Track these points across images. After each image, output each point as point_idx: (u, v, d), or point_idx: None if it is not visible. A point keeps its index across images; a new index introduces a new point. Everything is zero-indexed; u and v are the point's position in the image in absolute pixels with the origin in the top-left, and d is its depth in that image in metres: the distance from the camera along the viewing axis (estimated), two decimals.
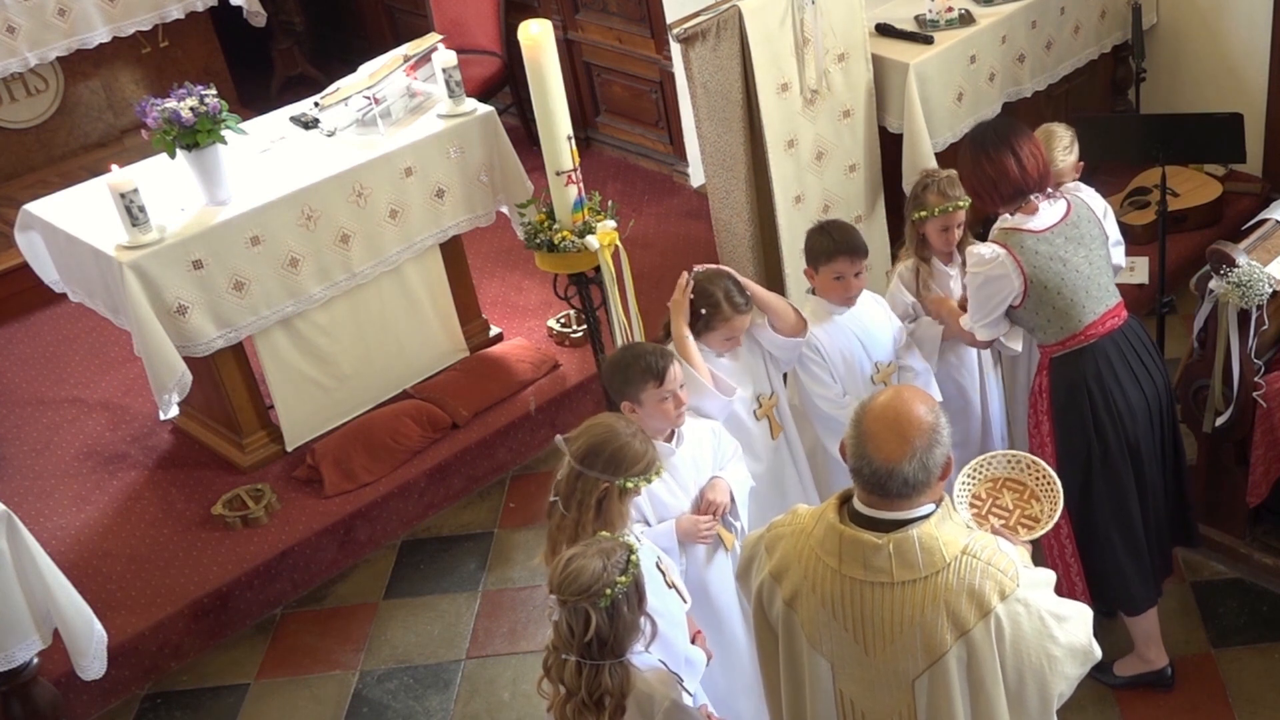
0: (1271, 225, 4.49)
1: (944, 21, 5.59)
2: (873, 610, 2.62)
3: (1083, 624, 2.74)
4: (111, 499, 5.22)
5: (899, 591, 2.59)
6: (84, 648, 4.07)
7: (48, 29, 6.79)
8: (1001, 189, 3.75)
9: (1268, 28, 5.94)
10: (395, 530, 5.19)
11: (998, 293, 3.79)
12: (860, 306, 4.14)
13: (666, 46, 6.35)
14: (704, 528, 3.58)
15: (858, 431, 2.61)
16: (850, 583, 2.62)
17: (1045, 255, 3.73)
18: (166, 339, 4.75)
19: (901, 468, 2.55)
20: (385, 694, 4.54)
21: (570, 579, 2.84)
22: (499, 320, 5.94)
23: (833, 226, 4.11)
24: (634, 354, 3.56)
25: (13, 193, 6.69)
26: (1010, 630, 2.59)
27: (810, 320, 4.11)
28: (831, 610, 2.65)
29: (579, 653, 2.86)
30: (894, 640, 2.61)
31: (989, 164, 3.73)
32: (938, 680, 2.62)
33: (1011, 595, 2.58)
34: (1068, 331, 3.79)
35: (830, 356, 4.10)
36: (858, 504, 2.64)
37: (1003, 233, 3.78)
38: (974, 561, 2.58)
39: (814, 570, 2.67)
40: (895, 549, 2.58)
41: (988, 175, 3.75)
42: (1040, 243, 3.73)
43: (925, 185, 4.27)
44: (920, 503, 2.61)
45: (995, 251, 3.75)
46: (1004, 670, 2.62)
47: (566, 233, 4.72)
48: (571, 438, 3.22)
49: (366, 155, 5.14)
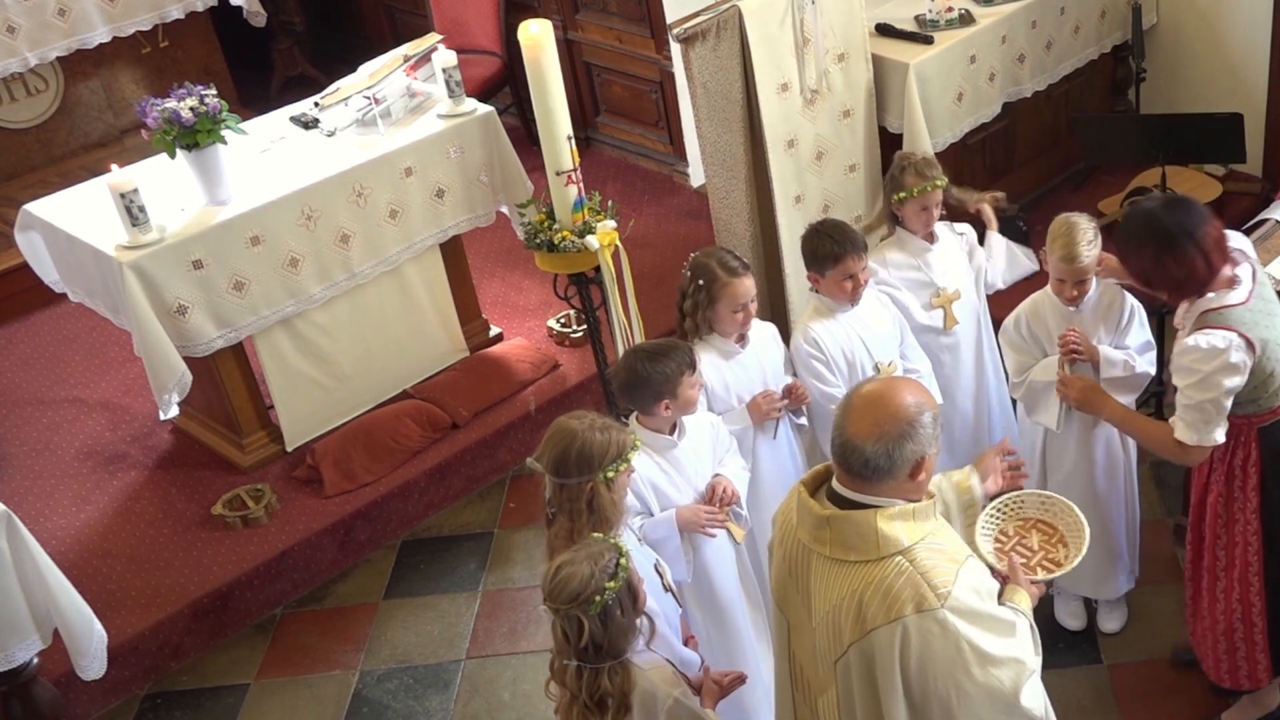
0: (1271, 225, 4.50)
1: (944, 21, 5.59)
2: (813, 579, 2.65)
3: (1013, 675, 2.64)
4: (111, 499, 5.22)
5: (832, 568, 2.61)
6: (84, 648, 4.07)
7: (48, 29, 6.79)
8: (1186, 287, 3.43)
9: (1268, 28, 5.94)
10: (395, 530, 5.19)
11: (1234, 380, 3.37)
12: (862, 305, 4.14)
13: (666, 46, 6.35)
14: (707, 517, 3.59)
15: (845, 404, 2.65)
16: (800, 546, 2.68)
17: (1262, 325, 3.40)
18: (166, 339, 4.75)
19: (864, 446, 2.56)
20: (385, 694, 4.54)
21: (560, 587, 2.85)
22: (499, 320, 5.94)
23: (829, 228, 4.08)
24: (663, 350, 3.60)
25: (13, 193, 6.70)
26: (918, 645, 2.54)
27: (812, 317, 4.13)
28: (789, 569, 2.71)
29: (576, 657, 2.87)
30: (824, 616, 2.64)
31: (1175, 264, 3.38)
32: (846, 668, 2.63)
33: (929, 611, 2.53)
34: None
35: (832, 354, 4.10)
36: (834, 479, 2.68)
37: (1217, 315, 3.38)
38: (904, 564, 2.55)
39: (785, 527, 2.75)
40: (832, 524, 2.60)
41: (1173, 275, 3.41)
42: (1248, 313, 3.39)
43: (902, 167, 4.29)
44: (883, 492, 2.60)
45: (1227, 338, 3.33)
46: (906, 683, 2.59)
47: (566, 233, 4.72)
48: (538, 456, 3.25)
49: (366, 155, 5.14)
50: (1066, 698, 4.15)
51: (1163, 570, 4.54)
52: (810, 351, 4.09)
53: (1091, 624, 4.41)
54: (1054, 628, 4.39)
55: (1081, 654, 4.31)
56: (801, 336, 4.13)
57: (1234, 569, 3.66)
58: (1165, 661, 4.26)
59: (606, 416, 3.34)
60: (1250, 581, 3.64)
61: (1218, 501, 3.65)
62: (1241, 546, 3.63)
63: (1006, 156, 6.21)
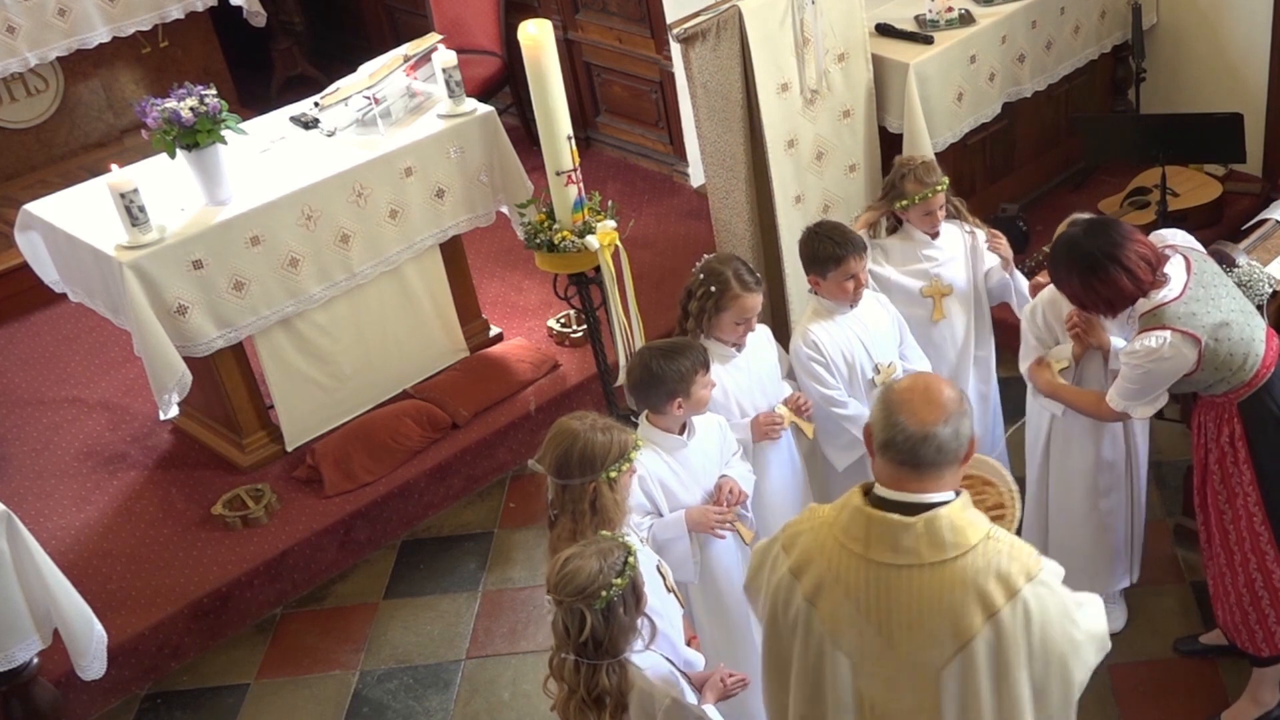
0: (1271, 225, 4.50)
1: (944, 21, 5.59)
2: (899, 596, 2.59)
3: (1098, 610, 2.75)
4: (111, 499, 5.22)
5: (927, 574, 2.57)
6: (84, 648, 4.07)
7: (48, 29, 6.79)
8: (1118, 305, 3.59)
9: (1268, 28, 5.94)
10: (395, 530, 5.19)
11: (1172, 373, 3.58)
12: (861, 306, 4.13)
13: (666, 46, 6.35)
14: (716, 517, 3.59)
15: (886, 404, 2.60)
16: (877, 569, 2.60)
17: (1202, 313, 3.53)
18: (166, 339, 4.75)
19: (937, 431, 2.54)
20: (385, 694, 4.54)
21: (567, 579, 2.85)
22: (499, 320, 5.94)
23: (828, 229, 4.06)
24: (678, 348, 3.61)
25: (13, 193, 6.69)
26: (1038, 612, 2.57)
27: (811, 319, 4.12)
28: (856, 602, 2.62)
29: (575, 652, 2.87)
30: (921, 627, 2.59)
31: (1101, 285, 3.55)
32: (966, 667, 2.59)
33: (1036, 577, 2.57)
34: (1250, 371, 3.59)
35: (831, 357, 4.09)
36: (881, 490, 2.62)
37: (1151, 316, 3.56)
38: (998, 544, 2.58)
39: (838, 560, 2.63)
40: (926, 527, 2.56)
41: (1101, 296, 3.58)
42: (1182, 306, 3.53)
43: (903, 175, 4.29)
44: (945, 484, 2.60)
45: (1161, 338, 3.52)
46: (1030, 657, 2.60)
47: (566, 233, 4.72)
48: (540, 458, 3.24)
49: (366, 155, 5.14)
50: None
51: (1163, 570, 4.53)
52: (810, 354, 4.08)
53: None
54: None
55: None
56: (801, 339, 4.12)
57: (1244, 541, 3.73)
58: (1165, 661, 4.25)
59: (608, 417, 3.34)
60: (1264, 550, 3.71)
61: (1215, 481, 3.76)
62: (1246, 518, 3.70)
63: (1006, 156, 6.22)
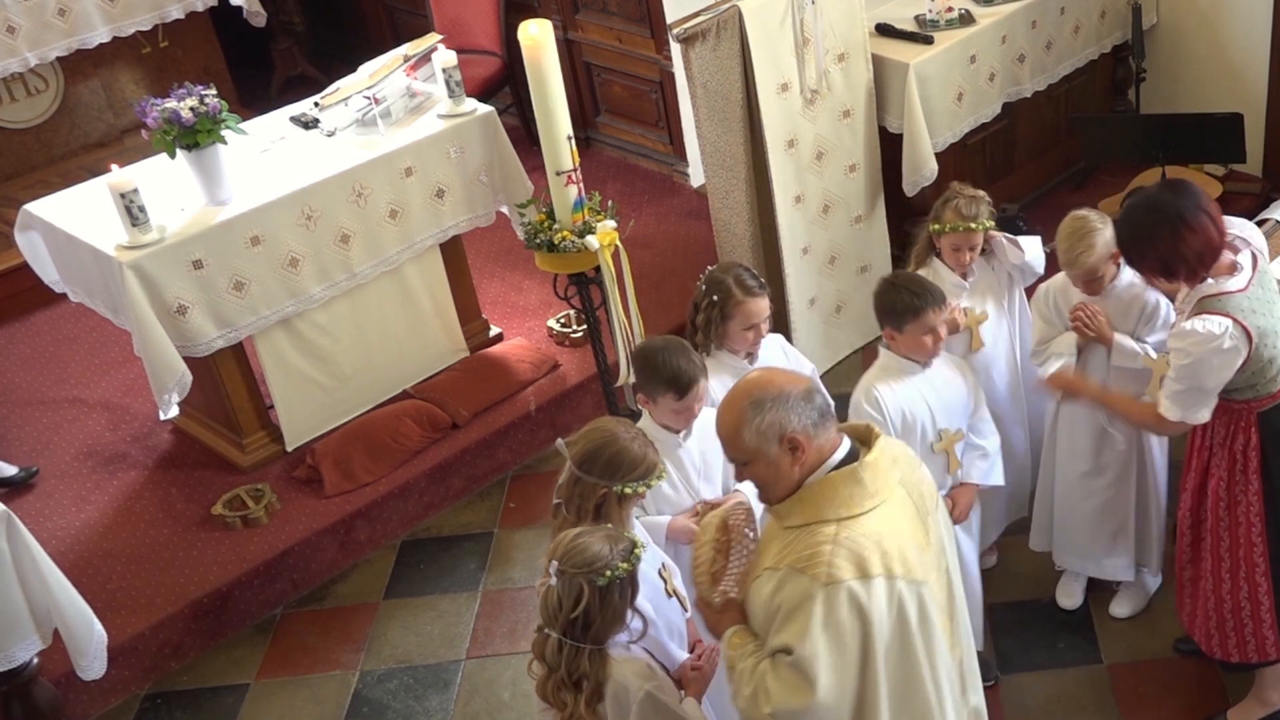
0: (1271, 225, 4.51)
1: (944, 21, 5.59)
2: (926, 484, 2.89)
3: None
4: (111, 499, 5.22)
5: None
6: (84, 648, 4.07)
7: (48, 29, 6.79)
8: (1206, 258, 3.40)
9: (1268, 28, 5.95)
10: (395, 530, 5.19)
11: (1222, 368, 3.41)
12: (936, 368, 3.89)
13: (666, 46, 6.35)
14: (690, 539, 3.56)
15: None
16: (920, 483, 2.85)
17: (1260, 313, 3.42)
18: (166, 339, 4.75)
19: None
20: (385, 694, 4.54)
21: (576, 551, 2.87)
22: (499, 320, 5.94)
23: (905, 280, 3.83)
24: (668, 354, 3.53)
25: (13, 193, 6.70)
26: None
27: (878, 375, 3.88)
28: (912, 521, 2.78)
29: (562, 629, 2.88)
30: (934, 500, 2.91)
31: (1193, 235, 3.35)
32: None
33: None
34: (1279, 383, 3.50)
35: (891, 415, 3.82)
36: (848, 446, 2.79)
37: (1215, 301, 3.41)
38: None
39: (893, 514, 2.74)
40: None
41: (1194, 249, 3.37)
42: (1246, 300, 3.41)
43: (946, 200, 4.13)
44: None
45: (1224, 324, 3.36)
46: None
47: (566, 233, 4.72)
48: (572, 441, 3.23)
49: (366, 155, 5.14)
50: (1066, 697, 4.16)
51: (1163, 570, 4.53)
52: (870, 411, 3.84)
53: (1093, 621, 4.40)
54: (1055, 624, 4.40)
55: (1081, 654, 4.31)
56: (864, 395, 3.87)
57: (1238, 549, 3.71)
58: (1166, 660, 4.25)
59: (644, 436, 3.26)
60: (1256, 562, 3.70)
61: (1219, 486, 3.70)
62: (1245, 528, 3.68)
63: (1006, 156, 6.22)
